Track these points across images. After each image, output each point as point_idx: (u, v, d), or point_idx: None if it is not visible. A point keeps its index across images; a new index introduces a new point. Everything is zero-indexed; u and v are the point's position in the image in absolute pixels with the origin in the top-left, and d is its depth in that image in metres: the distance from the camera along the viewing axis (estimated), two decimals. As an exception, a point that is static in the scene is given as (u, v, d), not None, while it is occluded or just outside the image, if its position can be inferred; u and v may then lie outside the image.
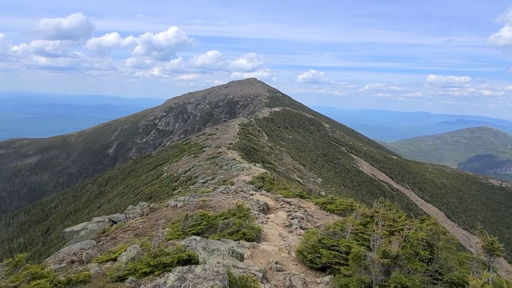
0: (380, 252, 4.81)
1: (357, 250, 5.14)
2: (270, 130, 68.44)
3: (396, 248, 4.69)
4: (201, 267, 4.34)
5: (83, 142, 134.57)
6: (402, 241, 4.87)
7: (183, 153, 45.48)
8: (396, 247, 4.71)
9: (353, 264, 5.14)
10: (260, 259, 6.80)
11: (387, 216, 6.00)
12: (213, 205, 12.70)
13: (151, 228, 10.22)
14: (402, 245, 4.77)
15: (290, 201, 13.16)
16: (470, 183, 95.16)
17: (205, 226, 8.53)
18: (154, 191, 32.68)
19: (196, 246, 6.79)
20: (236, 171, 26.34)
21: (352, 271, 5.11)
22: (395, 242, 4.80)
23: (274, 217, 10.82)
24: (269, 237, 8.77)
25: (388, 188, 71.40)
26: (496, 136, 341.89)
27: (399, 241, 4.80)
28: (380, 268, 4.73)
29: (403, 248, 4.75)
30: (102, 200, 47.56)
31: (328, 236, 6.48)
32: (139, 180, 42.52)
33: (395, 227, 5.87)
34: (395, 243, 4.78)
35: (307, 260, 6.45)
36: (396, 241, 4.84)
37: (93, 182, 66.64)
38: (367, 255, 4.92)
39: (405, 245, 4.82)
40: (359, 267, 5.06)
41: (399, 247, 4.74)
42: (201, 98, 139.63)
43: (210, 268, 4.29)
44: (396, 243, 4.79)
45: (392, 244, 4.78)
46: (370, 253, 4.94)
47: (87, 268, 6.74)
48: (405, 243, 4.84)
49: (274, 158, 45.60)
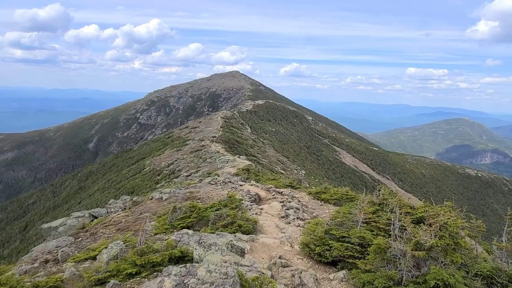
0: (412, 243, 4.22)
1: (382, 242, 4.50)
2: (253, 123, 68.02)
3: (432, 238, 4.14)
4: (205, 268, 3.64)
5: (62, 137, 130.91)
6: (438, 230, 4.27)
7: (166, 146, 44.72)
8: (431, 237, 4.16)
9: (376, 258, 4.55)
10: (261, 253, 6.20)
11: (402, 202, 5.50)
12: (201, 196, 12.05)
13: (134, 223, 9.55)
14: (439, 235, 4.21)
15: (282, 191, 12.63)
16: (448, 173, 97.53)
17: (196, 218, 7.87)
18: (136, 185, 31.93)
19: (188, 241, 6.09)
20: (220, 164, 25.83)
21: (375, 265, 4.51)
22: (426, 232, 4.25)
23: (268, 208, 10.26)
24: (266, 229, 8.18)
25: (369, 179, 72.27)
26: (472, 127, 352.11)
27: (434, 230, 4.22)
28: (412, 262, 4.13)
29: (440, 238, 4.18)
30: (82, 195, 46.33)
31: (336, 227, 5.89)
32: (121, 175, 41.58)
33: (414, 215, 5.37)
34: (426, 233, 4.23)
35: (314, 254, 5.83)
36: (428, 230, 4.27)
37: (73, 177, 64.84)
38: (395, 247, 4.31)
39: (443, 234, 4.23)
40: (382, 261, 4.48)
41: (436, 237, 4.18)
42: (183, 91, 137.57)
43: (215, 269, 3.58)
44: (427, 232, 4.23)
45: (420, 233, 4.22)
46: (399, 244, 4.33)
47: (62, 269, 5.90)
48: (443, 233, 4.26)
49: (257, 151, 45.25)
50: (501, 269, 4.26)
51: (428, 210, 5.19)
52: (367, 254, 4.95)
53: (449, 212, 4.82)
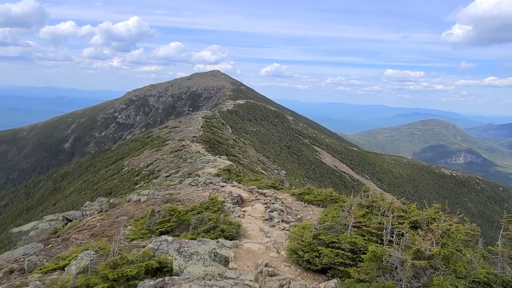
0: (412, 251, 3.92)
1: (379, 249, 4.18)
2: (234, 122, 67.64)
3: (433, 246, 3.87)
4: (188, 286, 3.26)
5: (36, 136, 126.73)
6: (439, 237, 3.98)
7: (145, 146, 43.83)
8: (431, 245, 3.89)
9: (371, 266, 4.24)
10: (246, 261, 5.78)
11: (394, 206, 5.29)
12: (182, 198, 11.58)
13: (110, 227, 9.05)
14: (441, 242, 3.93)
15: (265, 192, 12.24)
16: (424, 172, 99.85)
17: (175, 222, 7.43)
18: (114, 186, 31.08)
19: (168, 249, 5.60)
20: (201, 164, 25.43)
21: (370, 275, 4.19)
22: (425, 239, 3.99)
23: (251, 210, 9.84)
24: (250, 233, 7.77)
25: (349, 178, 73.11)
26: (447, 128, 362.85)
27: (435, 237, 3.95)
28: (411, 271, 3.83)
29: (443, 246, 3.89)
30: (57, 197, 44.81)
31: (325, 231, 5.52)
32: (98, 175, 40.46)
33: (407, 218, 5.11)
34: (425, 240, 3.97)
35: (303, 261, 5.44)
36: (428, 237, 4.01)
37: (47, 178, 62.79)
38: (393, 256, 3.98)
39: (445, 242, 3.94)
40: (378, 270, 4.17)
41: (438, 244, 3.90)
42: (163, 90, 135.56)
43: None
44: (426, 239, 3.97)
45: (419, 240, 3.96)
46: (396, 252, 4.02)
47: (26, 282, 5.30)
48: (445, 240, 3.96)
49: (238, 151, 44.98)
50: (497, 275, 4.10)
51: (422, 214, 4.98)
52: (360, 261, 4.66)
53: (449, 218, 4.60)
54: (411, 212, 5.39)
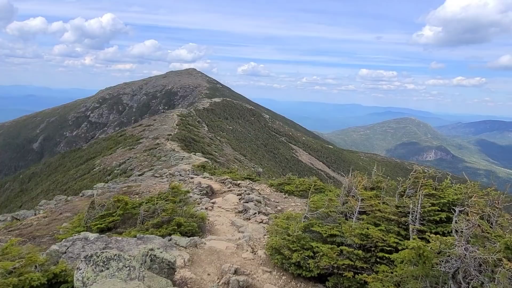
0: (502, 245, 2.71)
1: (434, 245, 2.87)
2: (210, 121, 67.05)
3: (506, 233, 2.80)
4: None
5: (3, 136, 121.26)
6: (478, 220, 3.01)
7: (118, 145, 42.74)
8: None
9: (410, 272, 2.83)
10: (206, 266, 4.22)
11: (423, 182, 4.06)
12: (141, 190, 10.41)
13: (48, 225, 8.24)
14: None
15: (240, 183, 11.00)
16: (397, 169, 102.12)
17: (121, 216, 6.14)
18: (84, 186, 30.02)
19: (81, 251, 4.22)
20: (175, 161, 24.88)
21: (412, 285, 2.79)
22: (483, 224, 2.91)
23: (222, 202, 8.70)
24: (218, 227, 6.53)
25: (325, 176, 73.78)
26: (418, 126, 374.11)
27: None
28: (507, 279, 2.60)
29: None
30: (24, 198, 43.00)
31: (319, 221, 4.08)
32: (68, 175, 39.12)
33: (441, 198, 4.00)
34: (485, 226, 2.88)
35: (290, 264, 3.86)
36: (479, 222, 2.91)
37: (14, 179, 60.27)
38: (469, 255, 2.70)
39: None
40: (424, 279, 2.78)
41: None
42: (137, 88, 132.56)
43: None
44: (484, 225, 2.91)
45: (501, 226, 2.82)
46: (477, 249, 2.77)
47: None
48: None
49: (214, 149, 44.53)
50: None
51: (467, 192, 3.86)
52: (377, 264, 3.34)
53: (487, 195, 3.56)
54: (446, 190, 4.27)
